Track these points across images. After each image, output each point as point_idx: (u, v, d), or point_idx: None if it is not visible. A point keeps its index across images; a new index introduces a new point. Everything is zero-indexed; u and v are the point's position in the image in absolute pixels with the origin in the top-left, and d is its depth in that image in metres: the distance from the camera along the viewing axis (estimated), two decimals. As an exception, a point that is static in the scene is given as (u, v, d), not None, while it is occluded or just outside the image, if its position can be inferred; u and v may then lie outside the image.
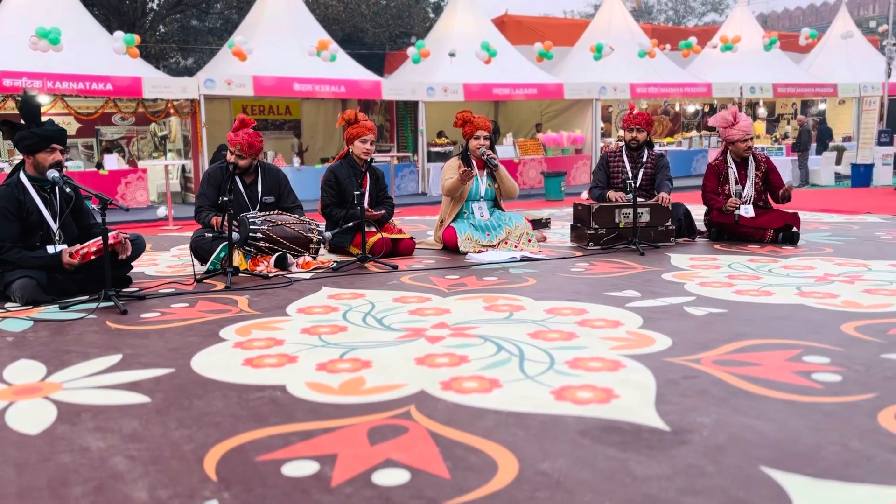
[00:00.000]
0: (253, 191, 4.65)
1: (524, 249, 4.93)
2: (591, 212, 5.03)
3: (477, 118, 5.07)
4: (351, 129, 4.93)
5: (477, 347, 2.62)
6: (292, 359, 2.53)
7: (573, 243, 5.32)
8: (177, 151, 12.69)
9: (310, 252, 4.50)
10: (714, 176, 5.34)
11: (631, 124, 5.36)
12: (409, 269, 4.42)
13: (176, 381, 2.33)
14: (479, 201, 5.11)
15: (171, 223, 8.41)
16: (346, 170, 4.94)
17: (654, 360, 2.43)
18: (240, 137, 4.52)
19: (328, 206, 4.92)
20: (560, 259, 4.67)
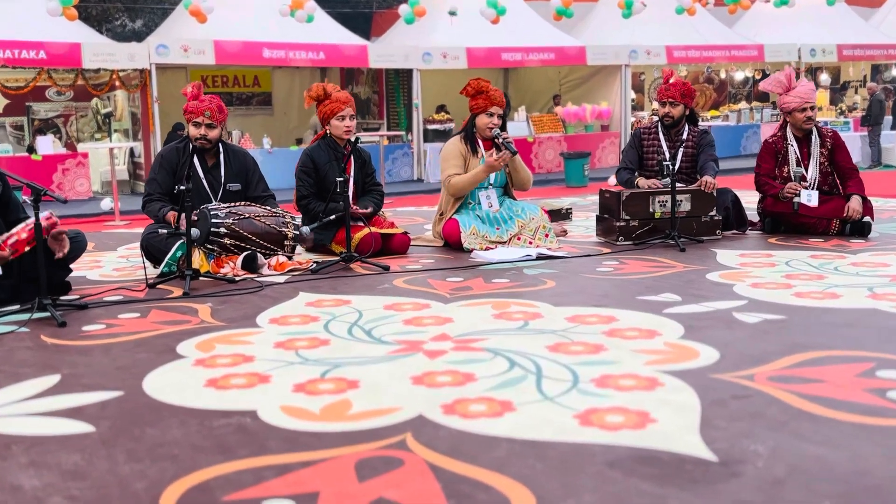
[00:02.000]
0: (215, 176, 4.66)
1: (540, 246, 4.94)
2: (621, 200, 5.04)
3: (493, 90, 5.07)
4: (323, 106, 4.93)
5: (485, 363, 2.63)
6: (264, 378, 2.54)
7: (599, 238, 5.33)
8: (124, 132, 12.71)
9: (284, 251, 4.51)
10: (770, 155, 5.33)
11: (664, 97, 5.35)
12: (403, 270, 4.42)
13: (125, 406, 2.33)
14: (488, 189, 5.13)
15: (118, 218, 8.42)
16: (325, 153, 4.94)
17: (698, 377, 2.44)
18: (206, 102, 4.52)
19: (305, 197, 4.92)
20: (584, 257, 4.67)
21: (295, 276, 4.28)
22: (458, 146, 5.10)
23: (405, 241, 4.96)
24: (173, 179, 4.54)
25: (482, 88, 5.04)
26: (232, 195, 4.65)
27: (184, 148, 4.61)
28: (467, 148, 5.10)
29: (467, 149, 5.10)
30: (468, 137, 5.13)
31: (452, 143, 5.13)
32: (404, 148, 12.44)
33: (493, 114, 5.04)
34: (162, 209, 4.46)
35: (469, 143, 5.12)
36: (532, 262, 4.53)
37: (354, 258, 4.47)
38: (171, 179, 4.55)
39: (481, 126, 5.07)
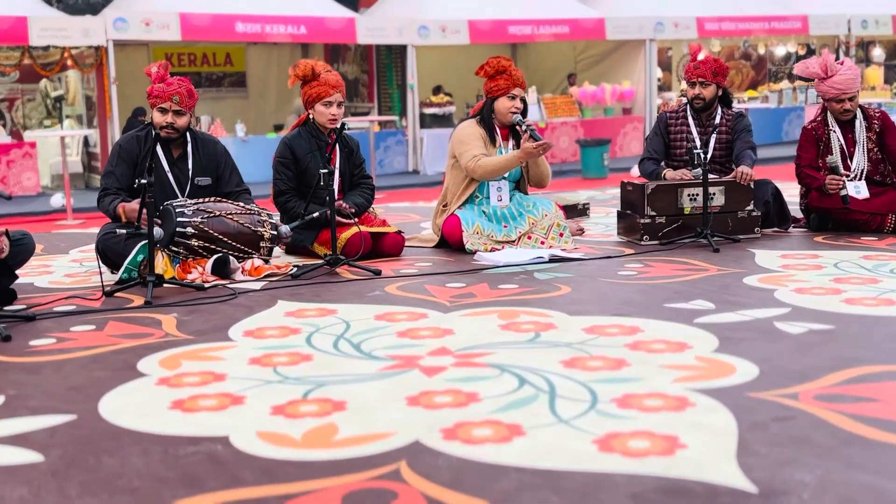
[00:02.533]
0: (182, 169, 4.66)
1: (554, 246, 4.95)
2: (646, 194, 5.04)
3: (516, 70, 5.08)
4: (309, 88, 4.93)
5: (491, 381, 2.63)
6: (238, 400, 2.54)
7: (621, 237, 5.34)
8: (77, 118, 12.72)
9: (260, 253, 4.51)
10: (811, 144, 5.33)
11: (692, 77, 5.36)
12: (396, 274, 4.42)
13: (78, 433, 2.33)
14: (501, 181, 5.13)
15: (71, 216, 8.43)
16: (306, 142, 4.95)
17: (735, 396, 2.43)
18: (174, 85, 4.53)
19: (283, 192, 4.92)
20: (603, 259, 4.68)
21: (272, 283, 4.28)
22: (476, 129, 5.09)
23: (399, 241, 4.97)
24: (133, 173, 4.54)
25: (503, 67, 5.03)
26: (201, 190, 4.65)
27: (145, 136, 4.61)
28: (485, 133, 5.10)
29: (485, 133, 5.09)
30: (485, 123, 5.12)
31: (470, 126, 5.12)
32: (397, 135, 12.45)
33: (516, 97, 5.04)
34: (114, 202, 4.46)
35: (486, 129, 5.11)
36: (544, 265, 4.53)
37: (341, 261, 4.47)
38: (130, 173, 4.55)
39: (502, 111, 5.06)
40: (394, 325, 3.36)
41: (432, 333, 3.21)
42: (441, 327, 3.29)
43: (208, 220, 4.37)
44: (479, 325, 3.31)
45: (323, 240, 4.83)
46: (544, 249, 4.83)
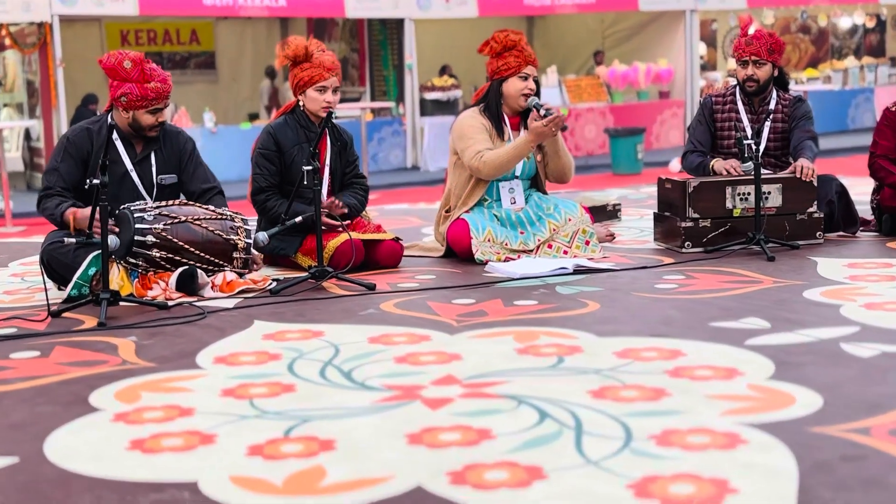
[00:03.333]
0: (143, 168, 4.67)
1: (579, 255, 4.94)
2: (688, 192, 5.04)
3: (527, 45, 5.09)
4: (300, 70, 4.94)
5: (506, 415, 2.62)
6: (208, 438, 2.53)
7: (659, 244, 5.34)
8: (16, 107, 12.75)
9: (233, 265, 4.51)
10: (893, 130, 5.31)
11: (743, 54, 5.35)
12: (393, 289, 4.42)
13: (20, 478, 2.33)
14: (512, 181, 5.14)
15: (10, 223, 8.45)
16: (292, 132, 4.96)
17: (794, 432, 2.42)
18: (168, 81, 4.57)
19: (263, 190, 4.93)
20: (638, 269, 4.68)
21: (248, 300, 4.28)
22: (479, 119, 5.09)
23: (396, 250, 4.98)
24: (83, 172, 4.53)
25: (512, 42, 5.04)
26: (166, 190, 4.66)
27: (99, 129, 4.61)
28: (491, 124, 5.09)
29: (490, 124, 5.09)
30: (490, 111, 5.12)
31: (470, 116, 5.12)
32: (394, 124, 12.48)
33: (528, 76, 5.06)
34: (60, 206, 4.46)
35: (492, 119, 5.11)
36: (568, 278, 4.52)
37: (328, 274, 4.47)
38: (78, 171, 4.55)
39: (513, 94, 5.06)
40: (391, 349, 3.35)
41: (436, 359, 3.20)
42: (447, 351, 3.29)
43: (172, 227, 4.36)
44: (491, 349, 3.30)
45: (307, 249, 4.82)
46: (568, 259, 4.82)
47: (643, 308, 3.87)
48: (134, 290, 4.28)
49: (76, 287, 4.26)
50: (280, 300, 4.24)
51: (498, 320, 3.73)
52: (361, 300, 4.20)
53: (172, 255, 4.37)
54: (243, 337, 3.62)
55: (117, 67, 4.50)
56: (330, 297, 4.28)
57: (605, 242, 5.38)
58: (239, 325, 3.81)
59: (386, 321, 3.78)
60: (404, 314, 3.90)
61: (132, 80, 4.49)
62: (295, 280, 4.49)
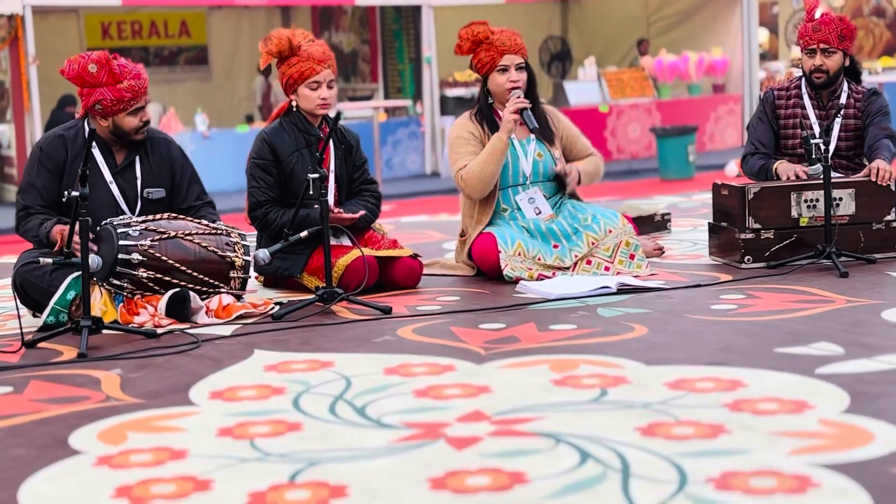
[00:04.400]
0: (128, 179, 4.70)
1: (623, 272, 4.96)
2: (747, 199, 5.03)
3: (498, 32, 5.13)
4: (287, 67, 4.96)
5: (542, 455, 2.61)
6: (203, 485, 2.52)
7: (714, 258, 5.33)
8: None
9: (230, 286, 4.54)
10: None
11: (810, 42, 5.33)
12: (412, 312, 4.43)
13: (-4, 528, 2.34)
14: (528, 188, 5.16)
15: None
16: (290, 136, 4.99)
17: (874, 473, 2.39)
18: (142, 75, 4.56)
19: (261, 204, 4.94)
20: (691, 288, 4.67)
21: (247, 326, 4.29)
22: (467, 126, 5.16)
23: (414, 268, 4.99)
24: (59, 184, 4.56)
25: (477, 36, 5.11)
26: (152, 206, 4.68)
27: (74, 136, 4.65)
28: (482, 129, 5.15)
29: (482, 130, 5.15)
30: (482, 112, 5.19)
31: (459, 125, 5.20)
32: (410, 125, 12.48)
33: (508, 67, 5.11)
34: (45, 224, 4.48)
35: (484, 123, 5.17)
36: (611, 298, 4.52)
37: (338, 296, 4.48)
38: (56, 185, 4.57)
39: (498, 91, 5.15)
40: (410, 381, 3.35)
41: (462, 392, 3.20)
42: (474, 383, 3.28)
43: (161, 244, 4.38)
44: (524, 380, 3.30)
45: (314, 268, 4.83)
46: (610, 277, 4.82)
47: (698, 332, 3.86)
48: (118, 317, 4.30)
49: (53, 313, 4.28)
50: (284, 326, 4.24)
51: (532, 347, 3.73)
52: (376, 325, 4.20)
53: (161, 276, 4.38)
54: (242, 368, 3.63)
55: (82, 74, 4.52)
56: (340, 323, 4.29)
57: (652, 257, 5.38)
58: (237, 354, 3.81)
59: (404, 349, 3.78)
60: (425, 341, 3.90)
61: (102, 83, 4.50)
62: (300, 303, 4.50)
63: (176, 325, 4.33)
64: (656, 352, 3.59)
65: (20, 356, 3.95)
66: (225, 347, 3.96)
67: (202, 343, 4.02)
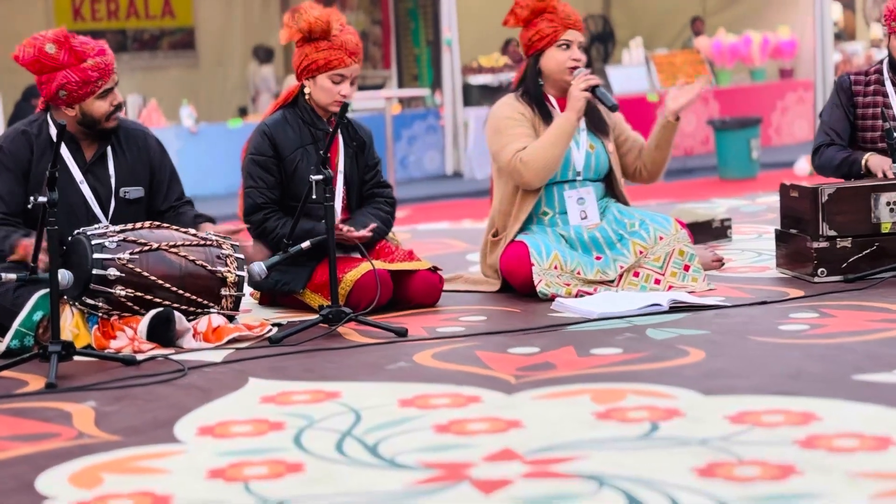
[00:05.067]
0: (99, 176, 4.70)
1: (676, 286, 4.95)
2: (821, 202, 5.02)
3: (562, 4, 5.13)
4: (313, 50, 4.94)
5: (584, 501, 2.61)
6: (188, 537, 2.55)
7: (783, 271, 5.32)
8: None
9: (221, 306, 4.54)
10: None
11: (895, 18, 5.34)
12: (431, 335, 4.43)
13: None
14: (578, 187, 5.11)
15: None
16: (293, 131, 5.00)
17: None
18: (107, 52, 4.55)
19: (260, 208, 4.96)
20: (756, 305, 4.67)
21: (241, 351, 4.30)
22: (517, 107, 5.13)
23: (433, 283, 5.01)
24: (25, 187, 4.59)
25: (540, 5, 5.08)
26: (129, 207, 4.71)
27: (39, 131, 4.66)
28: (532, 111, 5.13)
29: (532, 112, 5.13)
30: (530, 95, 5.15)
31: (507, 105, 5.17)
32: (429, 118, 12.54)
33: (571, 43, 5.09)
34: (9, 238, 4.49)
35: (534, 104, 5.13)
36: (662, 317, 4.52)
37: (345, 316, 4.47)
38: (20, 188, 4.60)
39: (554, 69, 5.11)
40: (429, 414, 3.36)
41: (489, 427, 3.19)
42: (503, 417, 3.28)
43: (141, 257, 4.39)
44: (561, 413, 3.30)
45: (319, 283, 4.85)
46: (661, 293, 4.82)
47: (763, 357, 3.84)
48: (92, 341, 4.31)
49: (17, 336, 4.29)
50: (283, 351, 4.26)
51: (570, 375, 3.72)
52: (389, 350, 4.20)
53: (142, 294, 4.39)
54: (235, 400, 3.63)
55: (39, 57, 4.51)
56: (348, 347, 4.30)
57: (710, 270, 5.36)
58: (229, 384, 3.82)
59: (422, 377, 3.79)
60: (446, 368, 3.91)
61: (63, 65, 4.51)
62: (302, 325, 4.50)
63: (159, 350, 4.33)
64: (715, 380, 3.58)
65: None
66: (215, 376, 3.97)
67: (189, 371, 4.02)
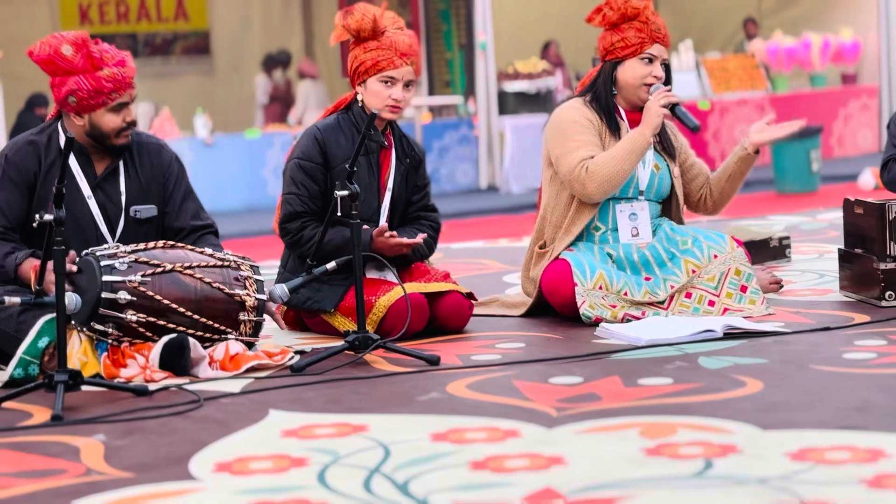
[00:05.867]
0: (108, 192, 4.73)
1: (732, 310, 4.95)
2: (888, 219, 5.02)
3: (654, 15, 5.13)
4: (363, 51, 5.00)
5: None
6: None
7: (847, 294, 5.31)
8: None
9: (240, 331, 4.56)
10: None
11: None
12: (465, 363, 4.43)
13: None
14: (634, 202, 5.15)
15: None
16: (346, 138, 5.03)
17: None
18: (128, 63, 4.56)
19: (298, 217, 4.97)
20: (818, 332, 4.65)
21: (261, 381, 4.31)
22: (584, 113, 5.13)
23: (461, 306, 5.01)
24: (29, 202, 4.61)
25: (633, 10, 5.09)
26: (141, 227, 4.72)
27: (48, 142, 4.68)
28: (600, 119, 5.13)
29: (600, 121, 5.13)
30: (599, 101, 5.16)
31: (574, 108, 5.16)
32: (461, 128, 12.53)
33: (655, 58, 5.11)
34: (11, 256, 4.51)
35: (603, 113, 5.14)
36: (716, 344, 4.51)
37: (372, 342, 4.49)
38: (24, 202, 4.62)
39: (631, 82, 5.12)
40: (464, 449, 3.35)
41: (529, 463, 3.19)
42: (544, 453, 3.27)
43: (154, 280, 4.39)
44: (607, 449, 3.29)
45: (349, 307, 4.85)
46: (715, 318, 4.81)
47: (827, 388, 3.83)
48: (101, 370, 4.32)
49: (21, 365, 4.30)
50: (306, 381, 4.25)
51: (616, 407, 3.72)
52: (420, 380, 4.21)
53: (155, 319, 4.39)
54: (255, 434, 3.63)
55: (54, 57, 4.53)
56: (376, 376, 4.30)
57: (769, 292, 5.34)
58: (249, 416, 3.82)
59: (456, 409, 3.78)
60: (482, 399, 3.90)
61: (77, 70, 4.52)
62: (326, 352, 4.50)
63: (172, 379, 4.34)
64: (775, 413, 3.57)
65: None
66: (233, 407, 3.97)
67: (205, 402, 4.03)
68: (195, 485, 3.17)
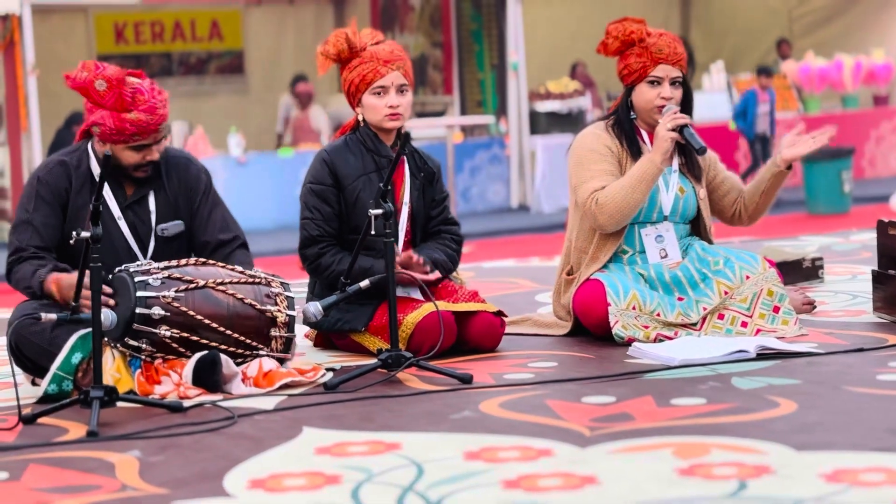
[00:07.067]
0: (139, 212, 4.75)
1: (765, 330, 4.93)
2: (921, 240, 4.99)
3: (653, 36, 5.13)
4: (348, 71, 5.02)
5: None
6: None
7: (881, 315, 5.29)
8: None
9: (271, 348, 4.57)
10: None
11: None
12: (498, 382, 4.43)
13: None
14: (659, 224, 5.15)
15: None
16: (355, 158, 5.03)
17: None
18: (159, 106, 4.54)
19: (316, 241, 4.98)
20: (852, 353, 4.63)
21: (294, 398, 4.32)
22: (603, 140, 5.14)
23: (493, 325, 5.00)
24: (62, 220, 4.63)
25: (631, 36, 5.11)
26: (169, 244, 4.73)
27: (78, 162, 4.70)
28: (620, 145, 5.14)
29: (620, 146, 5.14)
30: (621, 126, 5.18)
31: (591, 136, 5.19)
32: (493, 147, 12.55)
33: (662, 80, 5.10)
34: (38, 272, 4.51)
35: (623, 138, 5.16)
36: (749, 365, 4.49)
37: (406, 361, 4.49)
38: (57, 221, 4.64)
39: (643, 106, 5.14)
40: (497, 468, 3.35)
41: (562, 483, 3.19)
42: (577, 473, 3.27)
43: (187, 295, 4.42)
44: (640, 469, 3.29)
45: (379, 326, 4.86)
46: (747, 338, 4.80)
47: (861, 409, 3.82)
48: (135, 386, 4.34)
49: (56, 381, 4.32)
50: (339, 398, 4.27)
51: (649, 427, 3.72)
52: (453, 398, 4.21)
53: (188, 335, 4.41)
54: (288, 451, 3.64)
55: (87, 87, 4.55)
56: (409, 394, 4.31)
57: (802, 313, 5.33)
58: (282, 433, 3.84)
59: (489, 428, 3.78)
60: (514, 418, 3.90)
61: (106, 106, 4.53)
62: (359, 370, 4.50)
63: (206, 396, 4.36)
64: (808, 434, 3.56)
65: (16, 434, 3.99)
66: (267, 424, 3.99)
67: (239, 419, 4.04)
68: (229, 501, 3.19)
